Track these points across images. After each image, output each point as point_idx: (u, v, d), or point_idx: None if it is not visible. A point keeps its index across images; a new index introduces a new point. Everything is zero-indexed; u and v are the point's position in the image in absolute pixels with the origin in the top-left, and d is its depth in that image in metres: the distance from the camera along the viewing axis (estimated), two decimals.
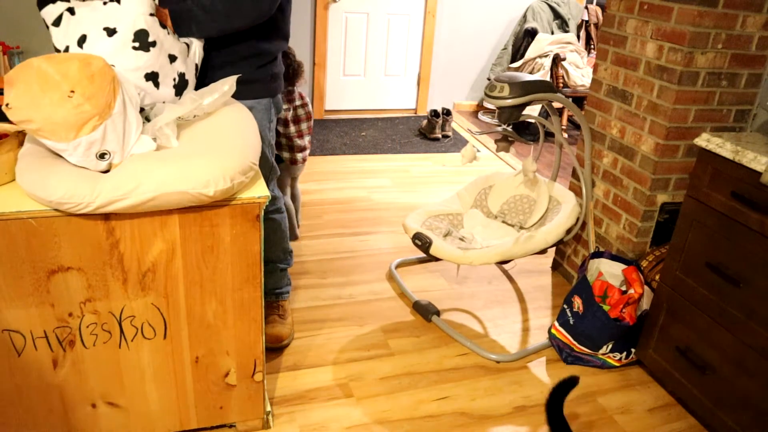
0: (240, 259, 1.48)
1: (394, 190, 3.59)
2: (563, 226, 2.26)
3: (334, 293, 2.48)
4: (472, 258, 2.09)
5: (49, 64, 1.26)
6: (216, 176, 1.34)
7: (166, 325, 1.50)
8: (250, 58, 1.82)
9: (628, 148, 2.28)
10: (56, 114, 1.24)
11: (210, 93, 1.58)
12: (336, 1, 4.68)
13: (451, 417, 1.88)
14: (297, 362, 2.06)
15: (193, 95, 1.57)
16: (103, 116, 1.28)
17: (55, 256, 1.34)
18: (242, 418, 1.71)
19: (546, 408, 1.54)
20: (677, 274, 1.91)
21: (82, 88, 1.25)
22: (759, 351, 1.65)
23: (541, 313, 2.47)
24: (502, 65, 5.09)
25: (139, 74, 1.45)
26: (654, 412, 1.96)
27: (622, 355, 2.12)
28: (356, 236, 2.98)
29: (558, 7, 5.05)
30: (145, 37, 1.43)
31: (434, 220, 2.44)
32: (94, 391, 1.51)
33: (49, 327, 1.40)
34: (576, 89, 4.49)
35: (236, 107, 1.65)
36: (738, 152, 1.68)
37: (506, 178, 2.63)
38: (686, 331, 1.89)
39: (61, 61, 1.27)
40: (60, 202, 1.25)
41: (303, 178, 3.65)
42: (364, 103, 5.11)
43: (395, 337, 2.24)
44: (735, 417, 1.73)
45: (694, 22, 1.95)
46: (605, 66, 2.39)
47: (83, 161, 1.32)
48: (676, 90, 2.04)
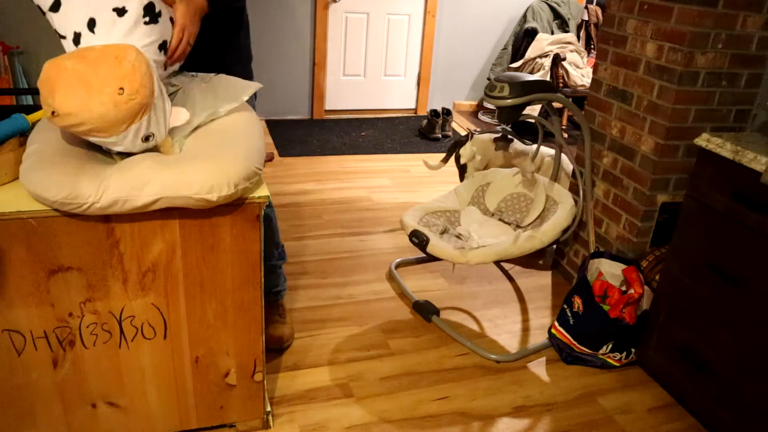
0: (240, 259, 1.48)
1: (394, 190, 3.59)
2: (560, 225, 2.26)
3: (334, 293, 2.48)
4: (470, 257, 2.09)
5: (86, 65, 1.24)
6: (220, 182, 1.33)
7: (166, 325, 1.50)
8: (249, 59, 1.87)
9: (628, 148, 2.28)
10: (110, 114, 1.24)
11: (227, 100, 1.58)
12: (336, 1, 4.68)
13: (451, 417, 1.88)
14: (297, 362, 2.06)
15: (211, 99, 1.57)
16: (149, 104, 1.30)
17: (55, 256, 1.34)
18: (242, 418, 1.71)
19: None
20: (677, 274, 1.91)
21: (129, 84, 1.25)
22: (759, 351, 1.65)
23: (541, 313, 2.47)
24: (502, 65, 5.09)
25: (153, 47, 1.42)
26: (654, 412, 1.96)
27: (622, 355, 2.12)
28: (356, 236, 2.98)
29: (558, 7, 5.05)
30: (153, 10, 1.40)
31: (431, 216, 2.44)
32: (94, 391, 1.51)
33: (49, 327, 1.40)
34: (576, 89, 4.49)
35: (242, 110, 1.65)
36: (738, 152, 1.68)
37: (504, 176, 2.63)
38: (686, 331, 1.89)
39: (95, 59, 1.25)
40: (63, 203, 1.25)
41: (303, 178, 3.66)
42: (364, 104, 5.11)
43: (395, 337, 2.24)
44: (735, 417, 1.73)
45: (694, 22, 1.95)
46: (605, 66, 2.39)
47: (129, 147, 1.35)
48: (676, 90, 2.04)
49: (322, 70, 4.83)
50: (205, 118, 1.53)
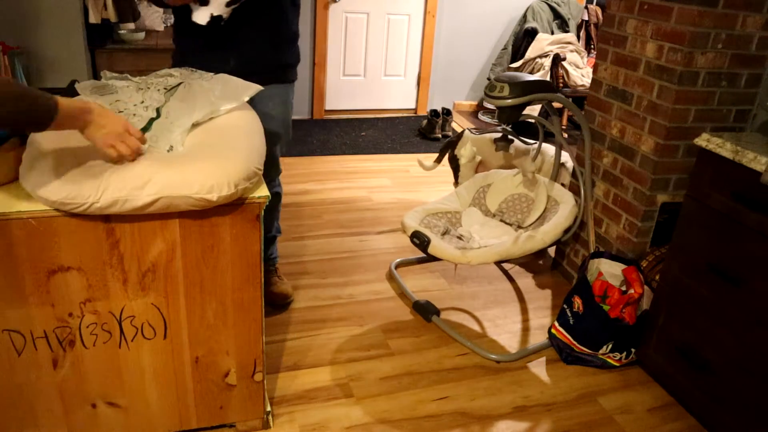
0: (240, 259, 1.48)
1: (394, 190, 3.59)
2: (561, 226, 2.26)
3: (334, 293, 2.48)
4: (471, 258, 2.09)
5: None
6: (220, 182, 1.33)
7: (166, 325, 1.50)
8: (290, 41, 2.01)
9: (628, 148, 2.28)
10: None
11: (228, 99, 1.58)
12: (336, 1, 4.68)
13: (451, 417, 1.88)
14: (297, 362, 2.06)
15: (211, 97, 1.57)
16: None
17: (55, 256, 1.34)
18: (242, 418, 1.71)
19: None
20: (677, 274, 1.91)
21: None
22: (759, 351, 1.65)
23: (541, 313, 2.47)
24: (502, 65, 5.09)
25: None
26: (654, 412, 1.96)
27: (622, 355, 2.12)
28: (356, 236, 2.98)
29: (558, 7, 5.04)
30: None
31: (432, 218, 2.44)
32: (94, 391, 1.51)
33: (49, 327, 1.40)
34: (576, 89, 4.49)
35: (243, 110, 1.65)
36: (738, 152, 1.68)
37: (505, 177, 2.63)
38: (686, 331, 1.89)
39: None
40: (63, 203, 1.25)
41: (303, 178, 3.66)
42: (364, 103, 5.11)
43: (395, 337, 2.24)
44: (735, 417, 1.73)
45: (694, 22, 1.95)
46: (605, 66, 2.39)
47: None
48: (676, 90, 2.04)
49: (322, 70, 4.83)
50: (204, 116, 1.53)
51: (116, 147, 1.30)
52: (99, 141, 1.29)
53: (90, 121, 1.27)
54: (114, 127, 1.30)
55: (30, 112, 1.15)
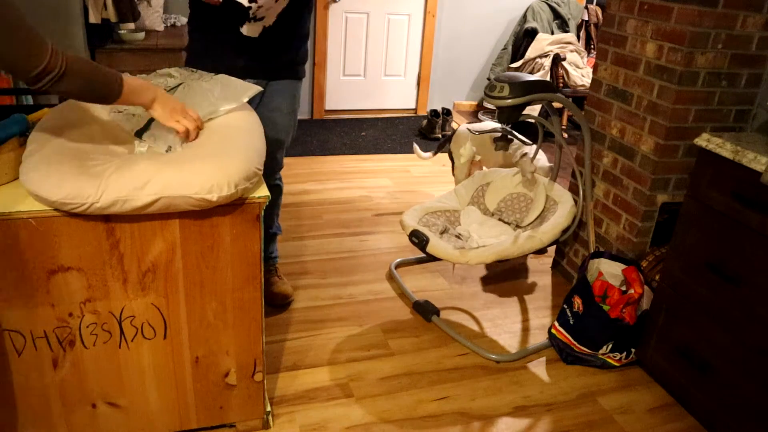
0: (240, 259, 1.48)
1: (394, 190, 3.59)
2: (560, 226, 2.26)
3: (334, 293, 2.48)
4: (469, 258, 2.09)
5: None
6: (220, 182, 1.33)
7: (166, 325, 1.50)
8: (303, 40, 2.06)
9: (628, 148, 2.28)
10: None
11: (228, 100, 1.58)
12: (336, 1, 4.68)
13: (451, 417, 1.88)
14: (297, 362, 2.06)
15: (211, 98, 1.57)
16: None
17: (55, 256, 1.34)
18: (242, 418, 1.71)
19: None
20: (677, 274, 1.91)
21: None
22: (759, 351, 1.65)
23: (541, 313, 2.47)
24: (502, 65, 5.09)
25: None
26: (654, 412, 1.96)
27: (622, 355, 2.12)
28: (356, 236, 2.98)
29: (558, 7, 5.04)
30: None
31: (431, 216, 2.44)
32: (94, 391, 1.51)
33: (49, 327, 1.40)
34: (576, 89, 4.49)
35: (243, 110, 1.65)
36: (738, 152, 1.68)
37: (504, 176, 2.63)
38: (686, 331, 1.89)
39: None
40: (63, 203, 1.25)
41: (303, 178, 3.66)
42: (364, 104, 5.11)
43: (395, 337, 2.24)
44: (735, 417, 1.73)
45: (694, 22, 1.95)
46: (605, 66, 2.39)
47: None
48: (676, 90, 2.04)
49: (322, 70, 4.83)
50: (204, 116, 1.53)
51: (181, 122, 1.43)
52: (166, 115, 1.41)
53: (155, 97, 1.39)
54: (176, 104, 1.44)
55: (101, 86, 1.27)
